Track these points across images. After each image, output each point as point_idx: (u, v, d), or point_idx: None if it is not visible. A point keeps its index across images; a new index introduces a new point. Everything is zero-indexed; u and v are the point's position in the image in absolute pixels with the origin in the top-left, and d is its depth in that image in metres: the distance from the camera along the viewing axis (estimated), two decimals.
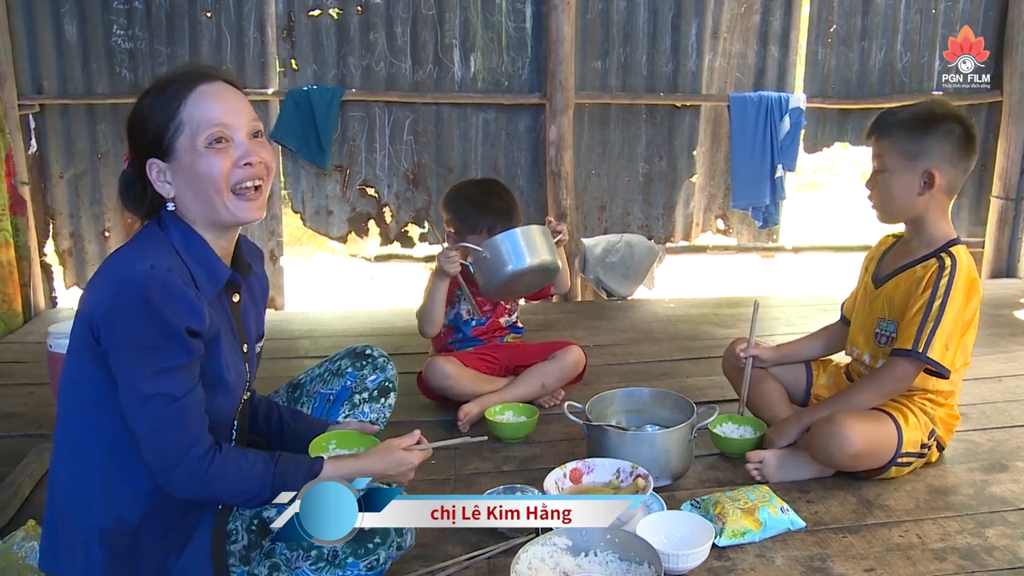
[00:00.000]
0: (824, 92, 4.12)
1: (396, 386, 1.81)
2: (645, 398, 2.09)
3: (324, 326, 3.54)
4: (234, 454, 1.34)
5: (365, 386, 1.75)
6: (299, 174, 3.89)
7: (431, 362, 2.29)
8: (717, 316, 3.62)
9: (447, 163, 3.98)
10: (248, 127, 1.35)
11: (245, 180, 1.34)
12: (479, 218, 2.26)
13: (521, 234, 2.12)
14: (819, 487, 1.86)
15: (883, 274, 1.96)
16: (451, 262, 2.16)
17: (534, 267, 2.13)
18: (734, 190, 4.06)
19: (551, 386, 2.39)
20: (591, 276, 4.02)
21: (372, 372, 1.76)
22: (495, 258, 2.10)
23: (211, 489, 1.31)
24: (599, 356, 2.96)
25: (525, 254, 2.10)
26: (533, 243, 2.13)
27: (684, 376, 2.74)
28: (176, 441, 1.27)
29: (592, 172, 4.13)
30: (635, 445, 1.84)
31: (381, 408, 1.76)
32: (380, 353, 1.82)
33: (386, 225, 4.03)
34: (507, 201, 2.33)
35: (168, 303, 1.24)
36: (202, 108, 1.32)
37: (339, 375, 1.76)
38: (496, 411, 2.25)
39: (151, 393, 1.24)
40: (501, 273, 2.11)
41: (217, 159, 1.32)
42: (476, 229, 2.26)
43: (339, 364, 1.78)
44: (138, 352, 1.24)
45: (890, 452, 1.82)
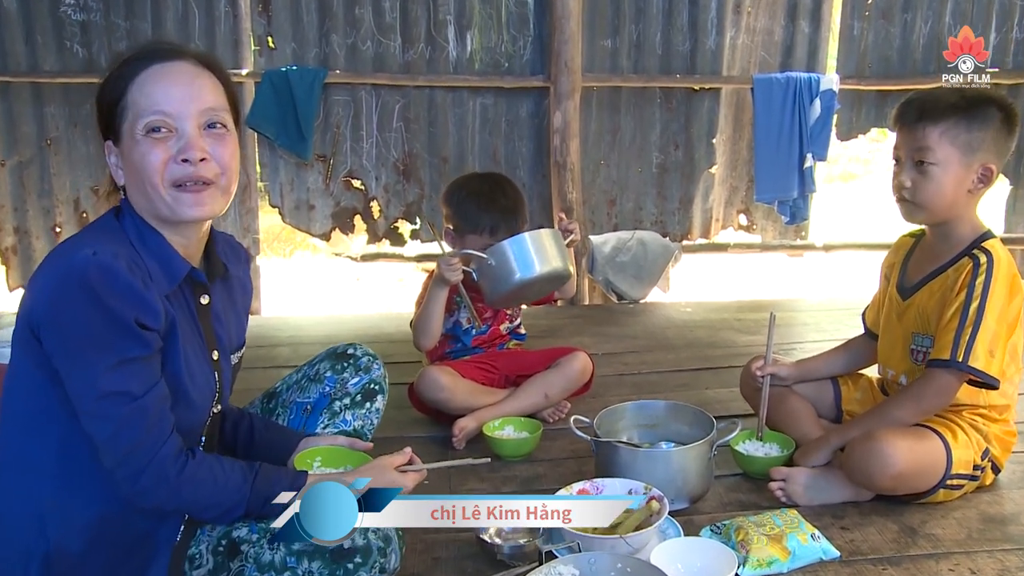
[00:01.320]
0: (860, 72, 4.10)
1: (385, 388, 1.79)
2: (660, 412, 2.07)
3: (305, 332, 3.52)
4: (209, 460, 1.33)
5: (346, 390, 1.73)
6: (277, 164, 3.88)
7: (424, 372, 2.28)
8: (739, 321, 3.60)
9: (441, 153, 3.97)
10: (200, 117, 1.31)
11: (184, 180, 1.31)
12: (481, 216, 2.26)
13: (530, 239, 2.12)
14: (855, 512, 1.83)
15: (910, 283, 1.93)
16: (453, 270, 2.16)
17: (544, 276, 2.14)
18: (758, 182, 4.05)
19: (555, 397, 2.38)
20: (599, 277, 4.01)
21: (354, 374, 1.75)
22: (501, 266, 2.10)
23: (180, 496, 1.29)
24: (608, 365, 2.95)
25: (535, 261, 2.11)
26: (543, 249, 2.12)
27: (703, 388, 2.73)
28: (142, 442, 1.25)
29: (601, 163, 4.12)
30: (649, 464, 1.82)
31: (366, 415, 1.74)
32: (364, 351, 1.79)
33: (374, 221, 4.01)
34: (513, 199, 2.32)
35: (112, 292, 1.22)
36: (148, 90, 1.30)
37: (317, 380, 1.75)
38: (495, 426, 2.24)
39: (107, 391, 1.22)
40: (508, 282, 2.12)
41: (152, 149, 1.29)
42: (477, 228, 2.26)
43: (317, 368, 1.77)
44: (87, 347, 1.22)
45: (938, 473, 1.78)
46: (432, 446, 2.26)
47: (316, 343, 3.30)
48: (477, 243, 2.25)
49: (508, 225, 2.26)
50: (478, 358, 2.43)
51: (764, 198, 4.08)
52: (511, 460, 2.16)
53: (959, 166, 1.77)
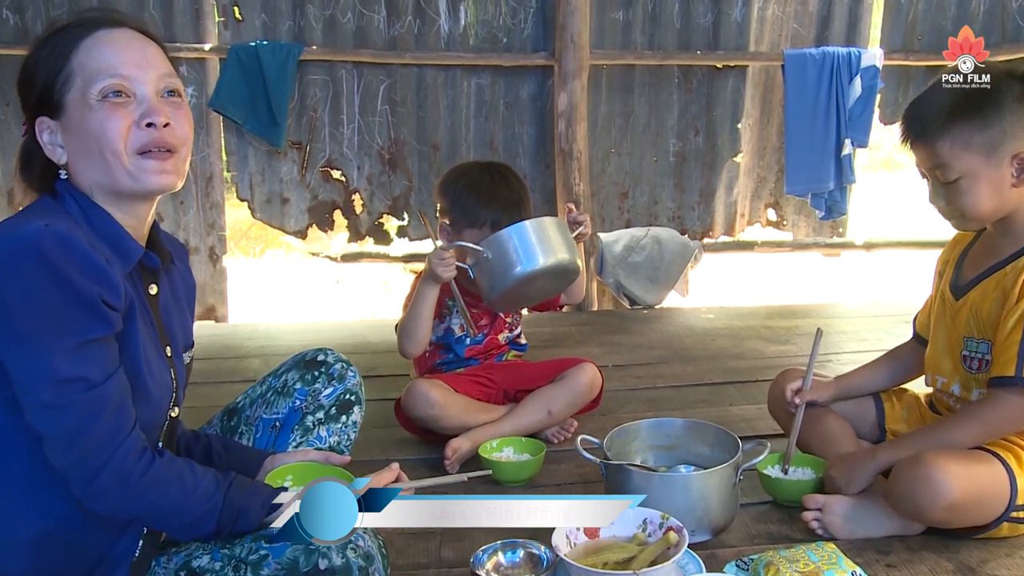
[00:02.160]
0: (908, 45, 4.09)
1: (362, 398, 1.78)
2: (678, 431, 2.06)
3: (278, 342, 3.51)
4: (177, 464, 1.33)
5: (319, 403, 1.73)
6: (246, 152, 3.87)
7: (412, 386, 2.27)
8: (768, 329, 3.58)
9: (431, 140, 3.96)
10: (158, 83, 1.36)
11: (149, 145, 1.34)
12: (482, 210, 2.25)
13: (532, 227, 2.10)
14: (902, 547, 1.81)
15: (964, 281, 1.89)
16: (445, 264, 2.14)
17: (549, 268, 2.11)
18: (789, 172, 4.04)
19: (560, 414, 2.37)
20: (610, 280, 4.00)
21: (327, 383, 1.74)
22: (500, 258, 2.08)
23: (142, 500, 1.27)
24: (620, 379, 2.94)
25: (538, 252, 2.09)
26: (547, 238, 2.11)
27: (726, 404, 2.72)
28: (101, 436, 1.24)
29: (611, 150, 4.11)
30: (666, 490, 1.79)
31: (343, 429, 1.74)
32: (336, 357, 1.78)
33: (355, 216, 4.01)
34: (517, 192, 2.31)
35: (72, 261, 1.21)
36: (98, 55, 1.32)
37: (285, 393, 1.74)
38: (492, 447, 2.22)
39: (65, 377, 1.21)
40: (508, 277, 2.10)
41: (112, 115, 1.31)
42: (477, 223, 2.25)
43: (285, 379, 1.76)
44: (41, 328, 1.20)
45: (1000, 504, 1.73)
46: (422, 469, 2.24)
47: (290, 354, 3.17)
48: (476, 238, 2.24)
49: (511, 220, 2.24)
50: (473, 371, 2.41)
51: (796, 190, 4.07)
52: (510, 485, 2.14)
53: (987, 169, 1.72)
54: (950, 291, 1.94)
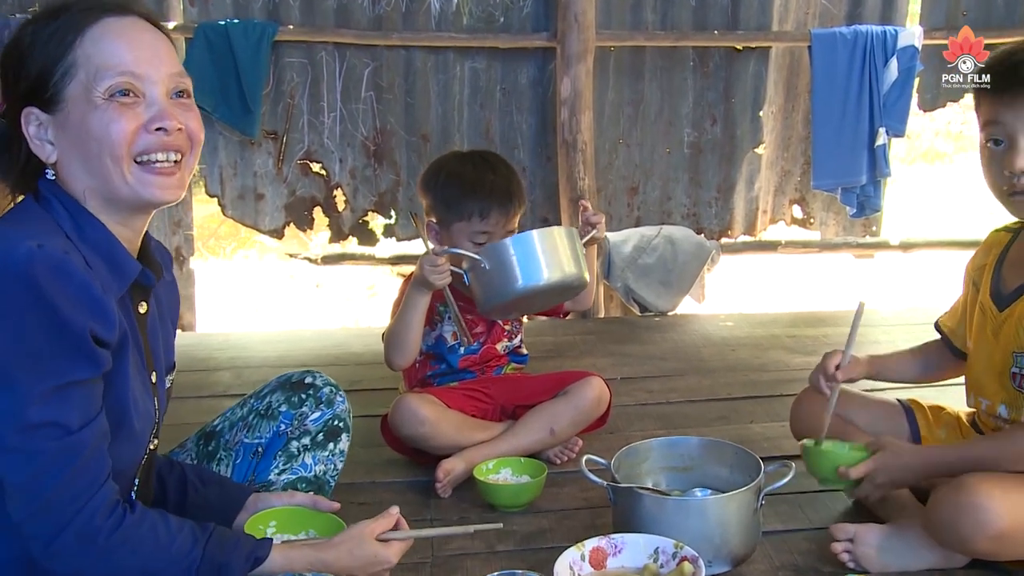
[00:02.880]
0: (951, 22, 4.08)
1: (350, 426, 1.81)
2: (693, 451, 2.06)
3: (252, 353, 3.51)
4: (151, 517, 1.32)
5: (305, 428, 1.76)
6: (216, 143, 3.87)
7: (400, 402, 2.27)
8: (793, 339, 3.58)
9: (421, 129, 3.96)
10: (169, 83, 1.36)
11: (155, 151, 1.33)
12: (468, 200, 2.27)
13: (538, 238, 2.12)
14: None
15: (1008, 290, 1.88)
16: (438, 271, 2.15)
17: (553, 285, 2.14)
18: (817, 165, 4.04)
19: (563, 432, 2.37)
20: (618, 284, 4.00)
21: (314, 408, 1.77)
22: (499, 270, 2.09)
23: (111, 562, 1.27)
24: (629, 393, 2.94)
25: (542, 267, 2.11)
26: (554, 251, 2.12)
27: (746, 421, 2.72)
28: (69, 489, 1.23)
29: (619, 141, 4.11)
30: (680, 515, 1.80)
31: (329, 458, 1.76)
32: (325, 380, 1.82)
33: (338, 214, 4.01)
34: (504, 176, 2.34)
35: (66, 293, 1.20)
36: (106, 48, 1.31)
37: (269, 416, 1.76)
38: (489, 468, 2.23)
39: (37, 422, 1.20)
40: (507, 291, 2.12)
41: (119, 117, 1.31)
42: (464, 214, 2.27)
43: (268, 401, 1.78)
44: (19, 364, 1.19)
45: None
46: (410, 494, 2.24)
47: (265, 366, 3.30)
48: (466, 232, 2.26)
49: (502, 207, 2.27)
50: (468, 384, 2.42)
51: (824, 184, 4.07)
52: (508, 511, 2.15)
53: None
54: (992, 301, 1.93)
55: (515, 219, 2.33)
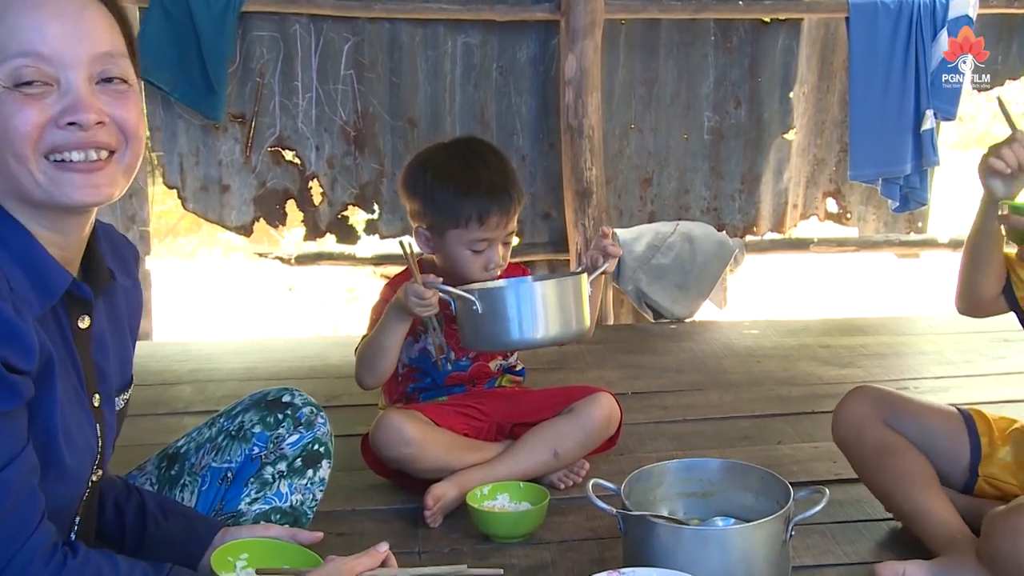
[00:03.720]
0: None
1: (331, 451, 1.81)
2: (713, 475, 2.05)
3: (216, 365, 3.50)
4: (95, 562, 1.31)
5: (282, 452, 1.75)
6: (175, 128, 3.87)
7: (382, 420, 2.26)
8: (827, 349, 3.58)
9: (407, 113, 3.97)
10: (93, 66, 1.30)
11: (69, 148, 1.28)
12: (463, 203, 2.25)
13: (540, 293, 2.15)
14: None
15: None
16: (423, 306, 2.16)
17: (550, 341, 2.20)
18: (855, 152, 4.04)
19: (568, 456, 2.37)
20: (629, 287, 4.00)
21: (292, 429, 1.77)
22: (493, 318, 2.12)
23: None
24: (642, 409, 2.94)
25: (539, 324, 2.15)
26: (556, 305, 2.15)
27: (773, 441, 2.72)
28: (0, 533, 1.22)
29: (631, 127, 4.11)
30: (698, 548, 1.79)
31: (308, 486, 1.76)
32: (305, 400, 1.81)
33: (314, 208, 4.01)
34: (500, 170, 2.33)
35: None
36: (12, 22, 1.25)
37: (241, 438, 1.75)
38: (484, 494, 2.21)
39: None
40: (497, 341, 2.18)
41: (21, 109, 1.25)
42: (461, 220, 2.26)
43: (240, 421, 1.77)
44: None
45: None
46: (395, 523, 2.24)
47: (232, 380, 3.29)
48: (463, 240, 2.26)
49: (502, 208, 2.26)
50: (459, 399, 2.41)
51: (863, 175, 4.07)
52: (506, 542, 2.15)
53: None
54: None
55: (515, 217, 2.32)
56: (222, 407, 1.87)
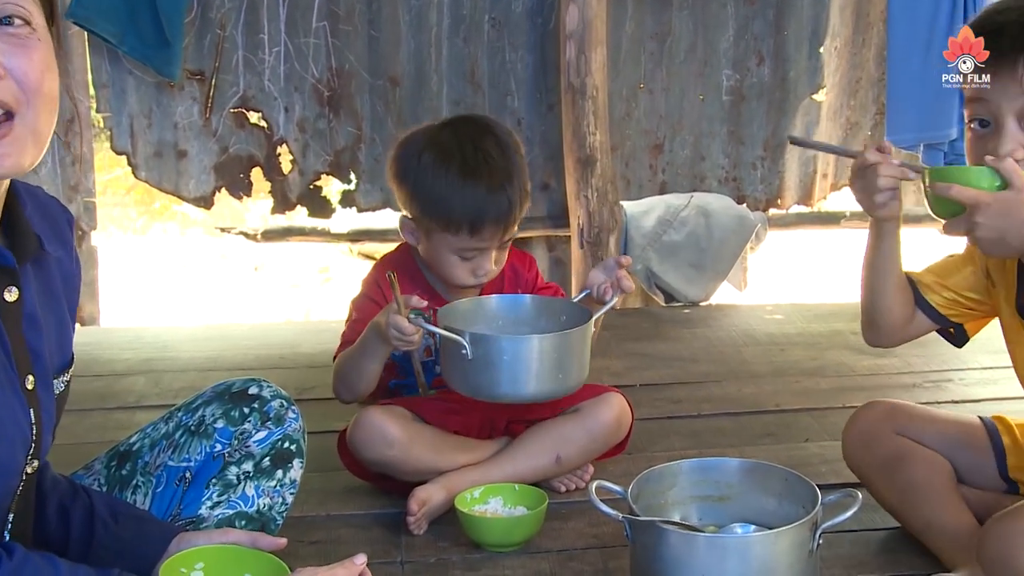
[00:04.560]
0: None
1: (304, 449, 1.82)
2: (731, 476, 2.07)
3: (173, 353, 3.51)
4: (33, 565, 1.32)
5: (248, 450, 1.75)
6: (124, 85, 3.86)
7: (362, 418, 2.26)
8: (859, 336, 3.54)
9: (388, 71, 3.96)
10: None
11: None
12: (454, 209, 2.24)
13: (539, 348, 2.16)
14: None
15: None
16: (404, 341, 2.15)
17: (543, 397, 2.25)
18: (892, 114, 4.04)
19: (571, 461, 2.38)
20: (637, 267, 4.00)
21: (259, 425, 1.77)
22: (483, 367, 2.14)
23: None
24: (652, 404, 2.95)
25: (533, 379, 2.18)
26: (555, 361, 2.17)
27: (799, 439, 2.73)
28: None
29: (640, 86, 4.11)
30: (715, 557, 1.81)
31: (277, 489, 1.77)
32: (274, 392, 1.82)
33: (282, 177, 4.00)
34: (504, 170, 2.29)
35: None
36: None
37: (202, 434, 1.76)
38: (474, 498, 2.23)
39: None
40: (484, 393, 2.20)
41: None
42: (449, 225, 2.25)
43: (201, 415, 1.78)
44: None
45: None
46: (375, 530, 2.24)
47: (191, 370, 3.29)
48: (452, 247, 2.26)
49: (499, 216, 2.24)
50: (450, 392, 2.40)
51: (902, 140, 4.06)
52: (499, 551, 2.15)
53: None
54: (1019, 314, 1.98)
55: (515, 227, 2.31)
56: (180, 400, 1.87)
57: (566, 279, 4.04)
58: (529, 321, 2.33)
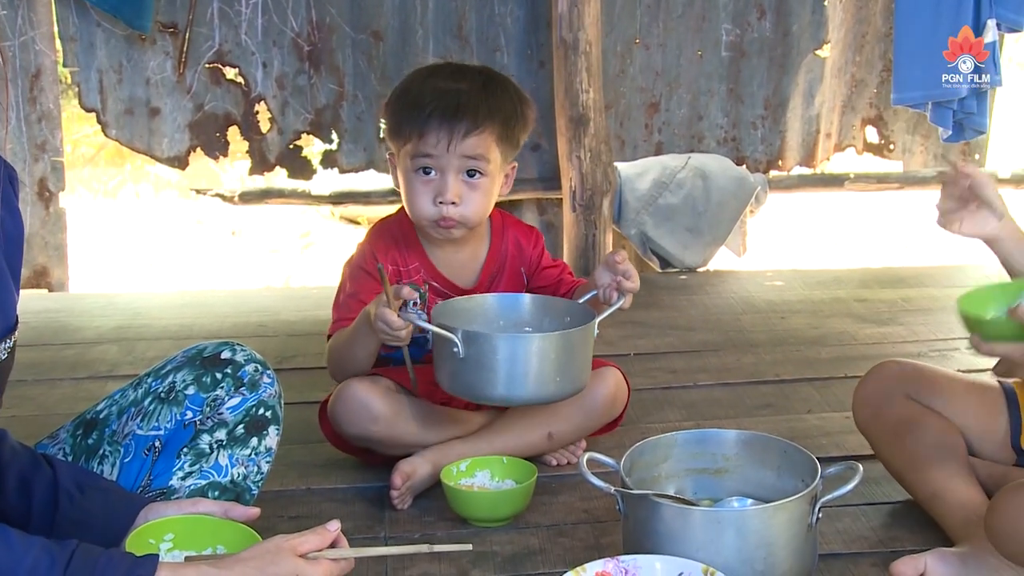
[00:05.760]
0: None
1: (280, 415, 1.82)
2: (728, 449, 2.06)
3: (146, 321, 3.51)
4: None
5: (221, 417, 1.76)
6: (92, 39, 3.84)
7: (344, 390, 2.25)
8: (863, 304, 3.60)
9: (371, 24, 3.94)
10: None
11: None
12: (405, 115, 2.25)
13: (539, 348, 2.14)
14: None
15: None
16: (391, 336, 2.14)
17: (541, 401, 2.23)
18: (899, 71, 4.03)
19: (564, 438, 2.39)
20: (631, 231, 4.00)
21: (232, 391, 1.78)
22: (476, 368, 2.13)
23: None
24: (647, 374, 2.96)
25: (530, 383, 2.15)
26: (555, 363, 2.14)
27: (800, 410, 2.74)
28: None
29: (636, 41, 4.10)
30: (711, 531, 1.80)
31: (252, 457, 1.77)
32: (248, 356, 1.82)
33: (261, 137, 3.99)
34: (472, 86, 2.28)
35: None
36: None
37: (172, 401, 1.76)
38: (461, 471, 2.23)
39: None
40: (476, 394, 2.20)
41: None
42: (402, 134, 2.25)
43: (172, 381, 1.78)
44: None
45: None
46: (358, 504, 2.25)
47: (165, 338, 3.30)
48: (408, 161, 2.25)
49: (444, 121, 2.20)
50: None
51: (910, 98, 4.05)
52: (487, 526, 2.16)
53: None
54: None
55: (476, 142, 2.24)
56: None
57: (557, 244, 4.03)
58: (531, 322, 2.31)
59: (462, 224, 2.27)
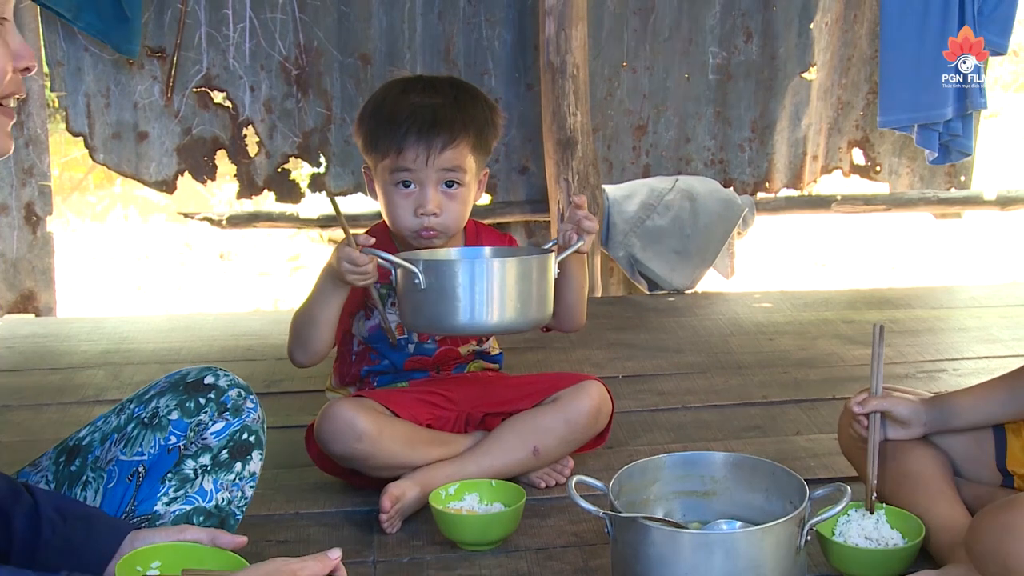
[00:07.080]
0: None
1: (263, 440, 1.81)
2: (717, 471, 2.06)
3: (134, 345, 3.50)
4: None
5: (205, 443, 1.75)
6: (80, 63, 3.85)
7: (329, 410, 2.25)
8: (850, 325, 3.60)
9: (359, 48, 3.96)
10: None
11: None
12: (383, 130, 2.26)
13: (499, 271, 2.15)
14: None
15: None
16: (357, 272, 2.15)
17: (503, 328, 2.23)
18: (885, 94, 4.05)
19: (550, 453, 2.38)
20: (620, 253, 4.01)
21: (216, 416, 1.77)
22: (438, 296, 2.12)
23: None
24: (634, 396, 2.95)
25: (493, 306, 2.14)
26: (514, 287, 2.14)
27: (789, 432, 2.74)
28: None
29: (623, 65, 4.12)
30: (699, 555, 1.79)
31: (236, 482, 1.76)
32: (231, 381, 1.81)
33: (249, 160, 4.00)
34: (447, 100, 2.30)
35: None
36: None
37: (155, 427, 1.75)
38: (449, 494, 2.21)
39: None
40: (441, 324, 2.19)
41: None
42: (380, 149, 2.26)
43: (155, 406, 1.77)
44: None
45: None
46: (347, 528, 2.24)
47: (153, 363, 3.28)
48: (386, 175, 2.26)
49: (421, 136, 2.23)
50: (422, 384, 2.41)
51: (896, 120, 4.08)
52: (475, 550, 2.15)
53: None
54: None
55: (453, 155, 2.26)
56: None
57: None
58: None
59: (443, 233, 2.29)
